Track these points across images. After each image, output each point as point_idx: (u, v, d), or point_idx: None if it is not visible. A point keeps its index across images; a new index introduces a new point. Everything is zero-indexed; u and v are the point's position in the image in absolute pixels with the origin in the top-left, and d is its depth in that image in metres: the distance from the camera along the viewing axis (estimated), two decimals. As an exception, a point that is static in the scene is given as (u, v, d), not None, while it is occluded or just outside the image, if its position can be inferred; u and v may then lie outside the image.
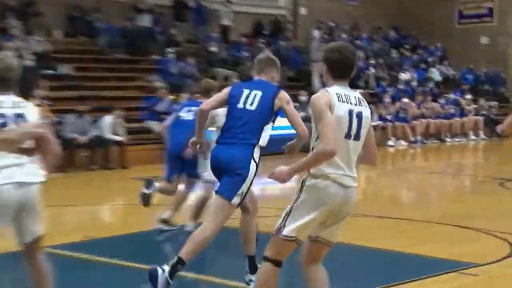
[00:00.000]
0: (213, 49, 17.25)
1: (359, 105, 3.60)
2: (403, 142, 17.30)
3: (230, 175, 4.43)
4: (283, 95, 4.66)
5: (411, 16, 22.33)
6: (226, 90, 4.86)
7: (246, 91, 4.71)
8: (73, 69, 15.23)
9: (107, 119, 13.50)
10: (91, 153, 13.25)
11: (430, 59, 21.23)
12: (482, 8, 21.37)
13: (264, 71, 4.81)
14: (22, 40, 14.79)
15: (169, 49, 16.43)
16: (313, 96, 3.59)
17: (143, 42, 16.89)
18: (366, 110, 3.63)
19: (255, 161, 4.53)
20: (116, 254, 6.06)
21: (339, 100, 3.52)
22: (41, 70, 14.20)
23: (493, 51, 21.41)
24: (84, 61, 16.01)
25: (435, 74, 20.73)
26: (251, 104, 4.65)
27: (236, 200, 4.45)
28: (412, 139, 17.44)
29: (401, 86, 19.16)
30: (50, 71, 14.56)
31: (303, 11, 20.56)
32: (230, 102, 4.71)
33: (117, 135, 13.46)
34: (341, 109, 3.49)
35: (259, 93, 4.66)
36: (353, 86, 18.70)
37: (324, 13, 20.64)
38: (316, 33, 19.13)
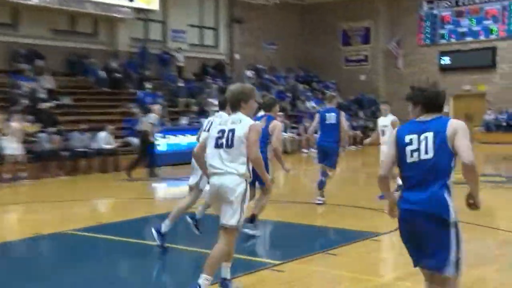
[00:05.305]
0: (180, 84, 21.13)
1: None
2: (312, 150, 19.54)
3: None
4: None
5: (312, 59, 29.78)
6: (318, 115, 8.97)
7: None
8: (72, 100, 18.24)
9: (102, 134, 16.06)
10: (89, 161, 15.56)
11: (326, 91, 27.42)
12: (360, 55, 29.47)
13: None
14: (34, 80, 17.57)
15: (147, 84, 20.03)
16: None
17: (122, 79, 20.18)
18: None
19: None
20: (122, 234, 7.32)
21: None
22: (50, 101, 16.97)
23: (368, 85, 29.06)
24: (79, 94, 18.78)
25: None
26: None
27: None
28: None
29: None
30: (56, 102, 17.39)
31: (237, 56, 26.27)
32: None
33: (110, 145, 16.30)
34: None
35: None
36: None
37: (252, 57, 26.82)
38: (248, 73, 24.81)
